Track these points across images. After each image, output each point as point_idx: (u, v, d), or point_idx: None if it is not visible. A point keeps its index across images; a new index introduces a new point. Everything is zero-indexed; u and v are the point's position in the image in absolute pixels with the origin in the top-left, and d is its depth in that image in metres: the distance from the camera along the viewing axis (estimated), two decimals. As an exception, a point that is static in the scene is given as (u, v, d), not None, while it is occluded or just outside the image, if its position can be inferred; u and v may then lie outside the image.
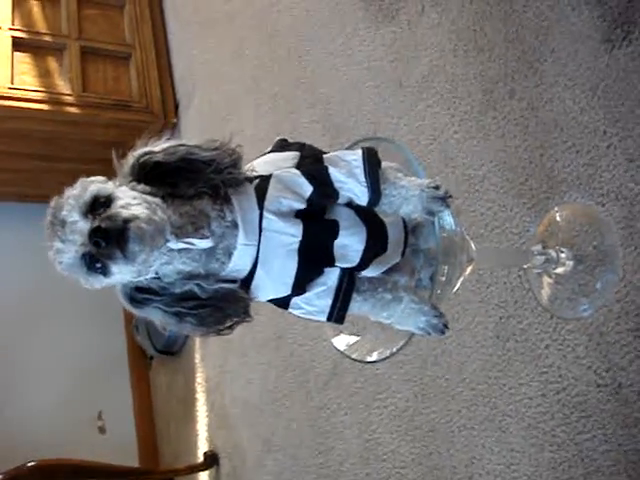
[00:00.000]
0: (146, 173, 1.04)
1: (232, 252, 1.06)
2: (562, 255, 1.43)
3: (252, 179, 1.10)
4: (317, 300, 1.10)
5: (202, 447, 3.33)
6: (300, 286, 1.09)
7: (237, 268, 1.08)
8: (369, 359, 1.24)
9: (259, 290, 1.11)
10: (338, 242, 1.09)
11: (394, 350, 1.18)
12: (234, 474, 3.02)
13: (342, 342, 1.28)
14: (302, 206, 1.08)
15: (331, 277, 1.09)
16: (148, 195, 1.01)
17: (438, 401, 1.81)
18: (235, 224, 1.05)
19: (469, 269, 1.25)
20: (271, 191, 1.08)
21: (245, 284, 1.10)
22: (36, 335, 3.84)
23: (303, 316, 1.14)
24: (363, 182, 1.09)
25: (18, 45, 3.54)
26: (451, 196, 1.11)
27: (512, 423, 1.59)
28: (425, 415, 1.85)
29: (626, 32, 1.40)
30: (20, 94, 3.37)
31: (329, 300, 1.10)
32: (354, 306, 1.12)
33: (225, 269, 1.07)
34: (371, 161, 1.11)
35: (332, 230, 1.09)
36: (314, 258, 1.08)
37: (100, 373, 3.94)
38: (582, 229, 1.44)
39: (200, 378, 3.44)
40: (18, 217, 3.72)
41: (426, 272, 1.24)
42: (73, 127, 3.55)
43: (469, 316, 1.72)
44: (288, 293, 1.10)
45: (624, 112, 1.39)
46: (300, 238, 1.07)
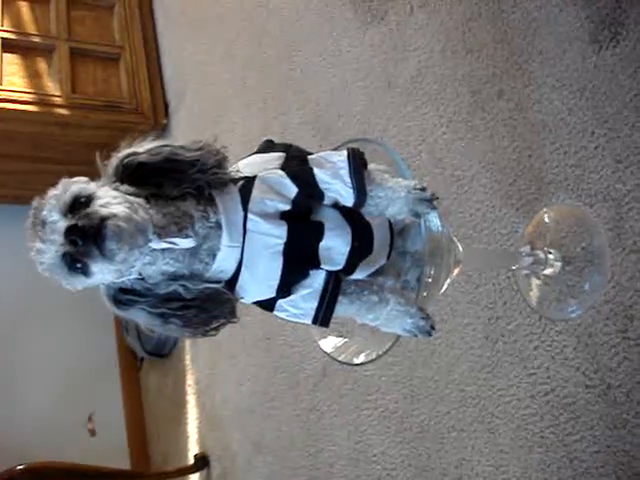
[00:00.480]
0: (130, 174, 1.04)
1: (216, 253, 1.06)
2: (550, 256, 1.43)
3: (237, 180, 1.09)
4: (303, 303, 1.09)
5: (192, 449, 3.33)
6: (285, 288, 1.08)
7: (221, 269, 1.07)
8: (356, 361, 1.23)
9: (244, 292, 1.10)
10: (323, 244, 1.08)
11: (381, 352, 1.17)
12: (224, 476, 3.01)
13: (329, 344, 1.28)
14: (287, 207, 1.08)
15: (317, 280, 1.08)
16: (131, 195, 1.01)
17: (427, 402, 1.81)
18: (219, 225, 1.05)
19: (456, 271, 1.25)
20: (255, 192, 1.07)
21: (230, 286, 1.10)
22: (26, 337, 3.82)
23: (289, 319, 1.13)
24: (348, 183, 1.09)
25: (7, 46, 3.52)
26: (437, 198, 1.11)
27: (501, 424, 1.59)
28: (414, 417, 1.85)
29: (614, 33, 1.40)
30: (9, 95, 3.36)
31: (315, 303, 1.09)
32: (340, 309, 1.11)
33: (209, 270, 1.07)
34: (356, 162, 1.10)
35: (317, 232, 1.09)
36: (299, 260, 1.08)
37: (90, 375, 3.92)
38: (570, 230, 1.44)
39: (190, 380, 3.43)
40: (7, 219, 3.70)
41: (413, 274, 1.23)
42: (62, 128, 3.54)
43: (458, 317, 1.72)
44: (273, 295, 1.09)
45: (612, 113, 1.39)
46: (285, 240, 1.06)
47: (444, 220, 1.18)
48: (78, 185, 1.00)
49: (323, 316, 1.10)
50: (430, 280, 1.16)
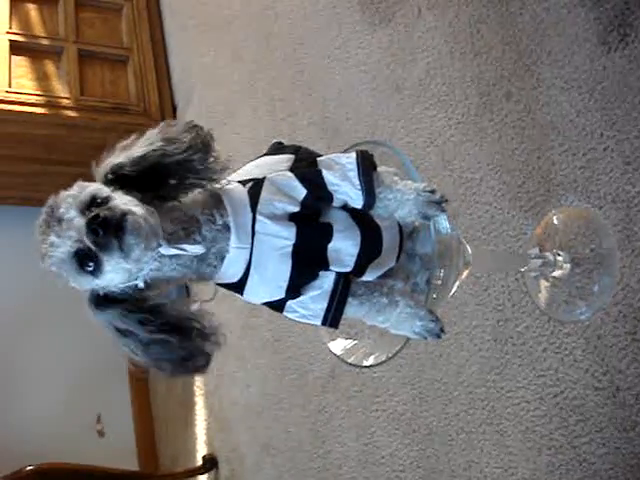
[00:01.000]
0: (120, 183, 1.03)
1: (224, 256, 1.06)
2: (559, 258, 1.43)
3: (246, 182, 1.10)
4: (312, 304, 1.09)
5: (201, 450, 3.33)
6: (294, 289, 1.09)
7: (230, 272, 1.07)
8: (365, 363, 1.23)
9: (253, 293, 1.11)
10: (332, 245, 1.09)
11: (391, 354, 1.17)
12: (232, 477, 3.01)
13: (339, 346, 1.28)
14: (296, 209, 1.08)
15: (326, 281, 1.09)
16: (139, 202, 1.01)
17: (436, 404, 1.81)
18: (227, 227, 1.05)
19: (466, 273, 1.25)
20: (264, 194, 1.07)
21: (239, 287, 1.10)
22: (35, 339, 3.83)
23: (298, 320, 1.13)
24: (357, 185, 1.09)
25: (16, 48, 3.53)
26: (447, 200, 1.11)
27: (510, 426, 1.59)
28: (423, 418, 1.85)
29: (622, 35, 1.40)
30: (18, 98, 3.37)
31: (324, 304, 1.09)
32: (349, 310, 1.12)
33: (218, 273, 1.07)
34: (365, 164, 1.10)
35: (326, 233, 1.09)
36: (308, 261, 1.08)
37: (99, 377, 3.92)
38: (579, 232, 1.44)
39: (199, 382, 3.43)
40: (16, 220, 3.70)
41: (422, 276, 1.23)
42: (71, 130, 3.55)
43: (466, 319, 1.72)
44: (282, 296, 1.10)
45: (621, 115, 1.39)
46: (294, 241, 1.07)
47: (453, 222, 1.18)
48: (94, 186, 1.00)
49: (332, 317, 1.10)
50: (439, 282, 1.16)
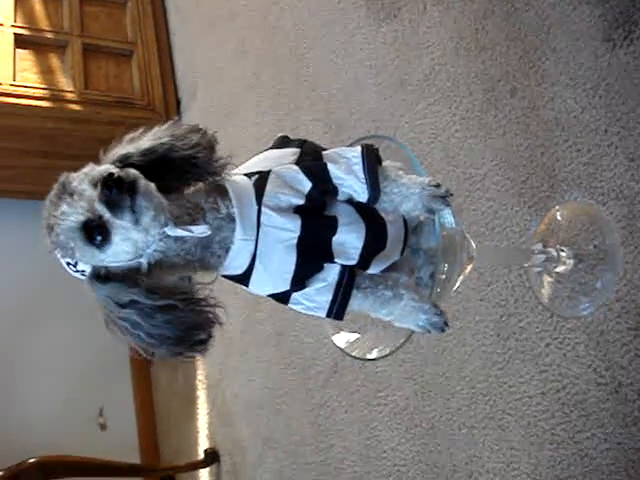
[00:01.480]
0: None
1: (229, 247, 1.07)
2: (562, 254, 1.43)
3: (251, 174, 1.11)
4: (317, 296, 1.10)
5: (203, 444, 3.34)
6: (299, 281, 1.09)
7: (235, 263, 1.08)
8: (369, 357, 1.24)
9: (258, 285, 1.11)
10: (337, 238, 1.09)
11: (394, 347, 1.18)
12: (234, 471, 3.02)
13: (342, 340, 1.28)
14: (301, 202, 1.09)
15: (331, 273, 1.09)
16: None
17: (438, 399, 1.81)
18: (231, 218, 1.06)
19: (469, 267, 1.25)
20: (270, 187, 1.08)
21: (244, 279, 1.10)
22: (37, 332, 3.84)
23: (303, 312, 1.14)
24: (362, 179, 1.09)
25: (20, 42, 3.53)
26: (452, 194, 1.11)
27: (512, 421, 1.60)
28: (425, 413, 1.85)
29: (627, 31, 1.40)
30: (22, 91, 3.37)
31: (329, 296, 1.09)
32: (354, 303, 1.12)
33: (222, 263, 1.08)
34: (370, 158, 1.11)
35: (331, 226, 1.09)
36: (313, 254, 1.09)
37: (101, 370, 3.93)
38: (583, 228, 1.44)
39: (201, 375, 3.44)
40: (20, 214, 3.71)
41: (426, 270, 1.24)
42: (75, 124, 3.55)
43: (469, 314, 1.72)
44: (287, 288, 1.10)
45: (625, 111, 1.40)
46: (298, 234, 1.07)
47: (457, 217, 1.19)
48: (106, 166, 1.01)
49: (337, 309, 1.10)
50: (443, 277, 1.17)
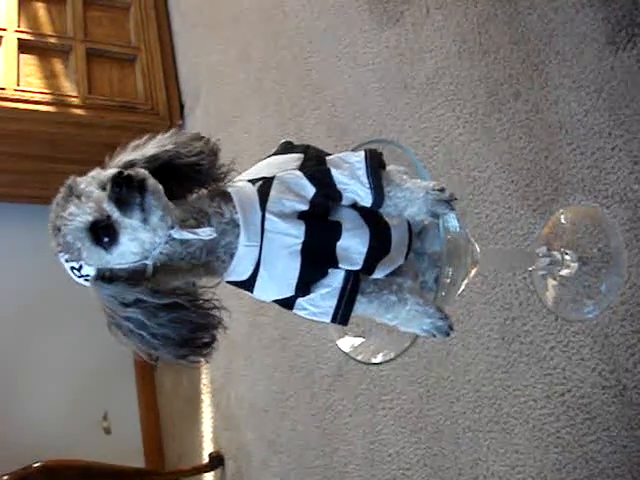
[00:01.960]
0: None
1: (233, 252, 1.07)
2: (567, 257, 1.43)
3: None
4: (321, 301, 1.10)
5: (207, 448, 3.34)
6: (304, 287, 1.09)
7: (239, 269, 1.08)
8: (374, 361, 1.24)
9: (263, 291, 1.11)
10: (341, 243, 1.09)
11: (399, 352, 1.18)
12: (239, 475, 3.02)
13: (347, 344, 1.28)
14: (305, 207, 1.09)
15: (336, 278, 1.09)
16: None
17: (443, 403, 1.81)
18: (235, 223, 1.06)
19: (474, 271, 1.25)
20: (273, 193, 1.08)
21: (248, 285, 1.11)
22: (41, 336, 3.84)
23: (308, 317, 1.14)
24: (366, 183, 1.10)
25: (24, 47, 3.55)
26: (456, 199, 1.11)
27: (517, 425, 1.60)
28: (430, 417, 1.85)
29: (631, 34, 1.40)
30: (26, 96, 3.38)
31: (334, 301, 1.10)
32: (359, 308, 1.12)
33: (227, 269, 1.08)
34: (374, 163, 1.11)
35: (335, 231, 1.10)
36: (317, 259, 1.09)
37: (105, 374, 3.93)
38: (587, 231, 1.44)
39: (205, 379, 3.44)
40: (24, 218, 3.72)
41: (431, 274, 1.24)
42: (79, 129, 3.56)
43: (474, 318, 1.72)
44: (292, 294, 1.10)
45: (629, 114, 1.40)
46: (303, 239, 1.07)
47: (461, 221, 1.19)
48: (113, 169, 1.01)
49: (342, 315, 1.11)
50: (448, 280, 1.17)
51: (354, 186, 1.10)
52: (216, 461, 3.18)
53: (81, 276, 1.06)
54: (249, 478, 2.93)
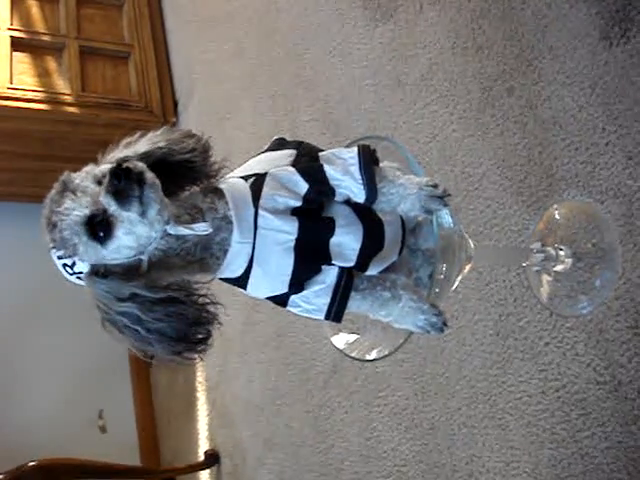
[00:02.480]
0: None
1: (227, 249, 1.07)
2: (561, 253, 1.43)
3: (248, 177, 1.11)
4: (315, 298, 1.10)
5: (203, 446, 3.34)
6: (297, 284, 1.09)
7: (232, 266, 1.08)
8: (368, 357, 1.24)
9: (256, 288, 1.11)
10: (334, 240, 1.09)
11: (393, 348, 1.18)
12: (235, 473, 3.02)
13: (341, 340, 1.28)
14: (298, 204, 1.08)
15: (330, 275, 1.09)
16: None
17: (438, 399, 1.81)
18: (228, 220, 1.06)
19: (468, 267, 1.25)
20: (266, 189, 1.08)
21: (242, 282, 1.10)
22: (36, 334, 3.84)
23: (301, 314, 1.14)
24: (359, 179, 1.09)
25: (17, 45, 3.54)
26: (449, 194, 1.11)
27: (512, 421, 1.60)
28: (425, 413, 1.85)
29: (624, 30, 1.40)
30: (19, 94, 3.38)
31: (327, 298, 1.09)
32: (352, 304, 1.12)
33: (220, 265, 1.08)
34: (366, 159, 1.11)
35: (328, 228, 1.09)
36: (310, 255, 1.08)
37: (101, 372, 3.94)
38: (581, 227, 1.44)
39: (201, 377, 3.44)
40: (17, 217, 3.72)
41: (425, 270, 1.24)
42: (72, 127, 3.56)
43: (469, 314, 1.72)
44: (285, 291, 1.10)
45: (623, 109, 1.39)
46: (296, 236, 1.07)
47: (455, 217, 1.19)
48: (107, 165, 1.01)
49: (335, 312, 1.10)
50: (442, 277, 1.16)
51: (347, 182, 1.10)
52: (212, 459, 3.19)
53: (74, 273, 1.05)
54: (245, 475, 2.93)
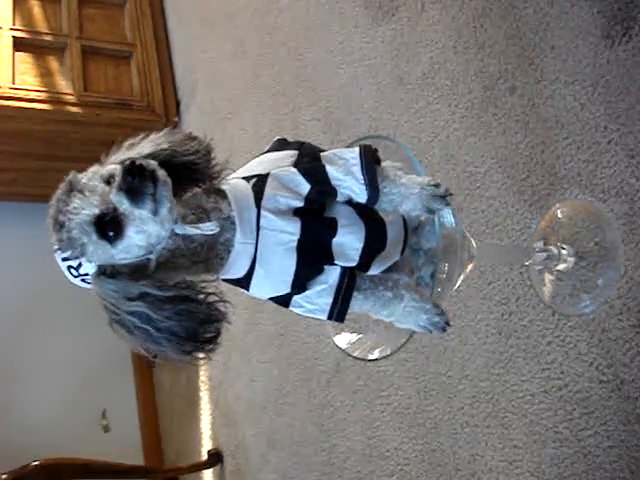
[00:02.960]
0: None
1: (230, 249, 1.06)
2: (563, 252, 1.43)
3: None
4: (318, 298, 1.10)
5: (206, 445, 3.34)
6: (300, 284, 1.09)
7: (235, 267, 1.08)
8: (371, 357, 1.24)
9: (259, 288, 1.11)
10: (337, 240, 1.09)
11: (396, 348, 1.18)
12: (238, 472, 3.02)
13: (344, 340, 1.28)
14: (300, 204, 1.08)
15: (332, 275, 1.09)
16: None
17: (441, 398, 1.81)
18: (232, 221, 1.06)
19: (470, 266, 1.25)
20: (268, 189, 1.08)
21: (244, 283, 1.10)
22: (39, 335, 3.85)
23: (304, 314, 1.14)
24: (361, 179, 1.09)
25: (19, 45, 3.55)
26: (451, 194, 1.11)
27: (515, 420, 1.60)
28: (428, 412, 1.85)
29: (626, 28, 1.39)
30: (21, 94, 3.38)
31: (330, 298, 1.09)
32: (355, 304, 1.12)
33: (224, 266, 1.08)
34: (368, 159, 1.11)
35: (331, 228, 1.09)
36: (313, 256, 1.08)
37: (104, 372, 3.94)
38: (583, 225, 1.44)
39: (204, 376, 3.44)
40: (20, 217, 3.73)
41: (427, 270, 1.24)
42: (74, 126, 3.56)
43: (471, 313, 1.72)
44: (288, 291, 1.10)
45: (625, 108, 1.39)
46: (298, 236, 1.07)
47: (457, 216, 1.19)
48: (113, 165, 1.01)
49: (338, 312, 1.10)
50: (444, 276, 1.16)
51: (349, 182, 1.10)
52: (215, 458, 3.19)
53: (79, 275, 1.05)
54: (248, 474, 2.93)
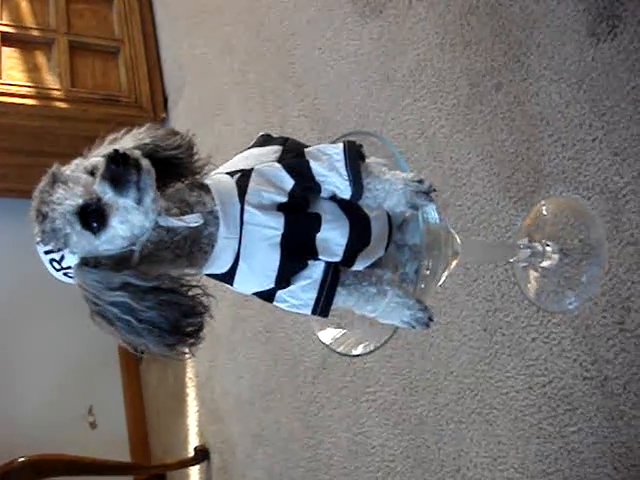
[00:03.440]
0: None
1: (214, 244, 1.06)
2: (548, 248, 1.44)
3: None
4: (302, 293, 1.10)
5: (193, 442, 3.34)
6: (284, 279, 1.09)
7: (219, 261, 1.08)
8: (354, 352, 1.24)
9: (243, 283, 1.11)
10: (320, 235, 1.09)
11: (379, 344, 1.18)
12: (224, 468, 3.02)
13: (328, 336, 1.28)
14: (283, 199, 1.08)
15: (316, 270, 1.09)
16: None
17: (426, 394, 1.82)
18: (215, 215, 1.06)
19: (454, 263, 1.25)
20: (252, 185, 1.08)
21: (228, 278, 1.10)
22: (26, 331, 3.83)
23: (288, 309, 1.14)
24: (344, 175, 1.09)
25: (6, 40, 3.52)
26: (435, 190, 1.11)
27: (499, 416, 1.60)
28: (413, 408, 1.86)
29: (611, 26, 1.40)
30: (8, 89, 3.36)
31: (314, 293, 1.09)
32: (339, 299, 1.12)
33: (207, 260, 1.07)
34: (352, 155, 1.11)
35: (315, 223, 1.09)
36: (297, 251, 1.08)
37: (90, 368, 3.93)
38: (568, 222, 1.45)
39: (190, 373, 3.43)
40: (5, 212, 3.71)
41: (411, 266, 1.24)
42: (62, 122, 3.54)
43: (456, 310, 1.72)
44: (272, 286, 1.10)
45: (609, 106, 1.40)
46: (282, 231, 1.07)
47: (442, 213, 1.19)
48: (97, 158, 1.01)
49: (322, 307, 1.10)
50: (428, 272, 1.17)
51: (333, 178, 1.10)
52: (201, 454, 3.18)
53: (61, 269, 1.04)
54: (234, 471, 2.93)
